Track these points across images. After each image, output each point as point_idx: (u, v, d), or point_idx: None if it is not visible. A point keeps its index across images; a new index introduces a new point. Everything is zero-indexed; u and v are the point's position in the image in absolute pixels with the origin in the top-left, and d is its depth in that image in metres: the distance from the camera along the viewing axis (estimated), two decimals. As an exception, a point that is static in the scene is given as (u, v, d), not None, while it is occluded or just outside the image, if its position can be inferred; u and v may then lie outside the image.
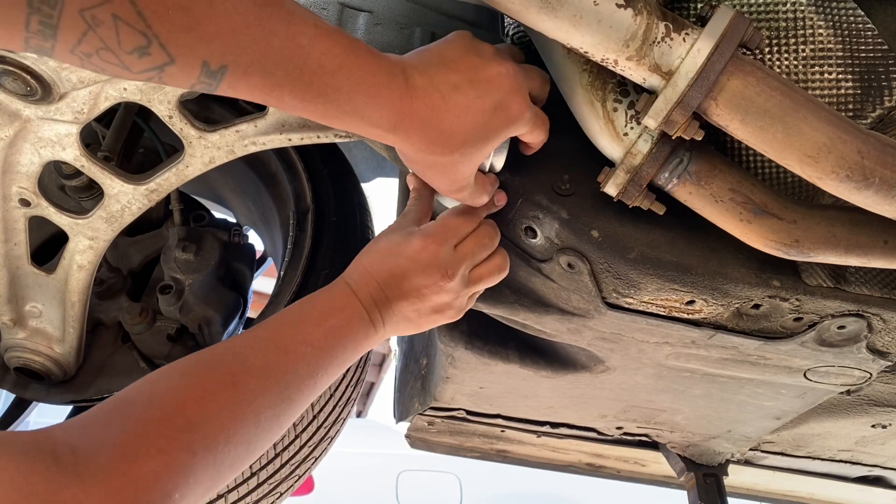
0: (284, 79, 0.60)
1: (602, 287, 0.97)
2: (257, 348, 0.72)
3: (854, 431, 1.45)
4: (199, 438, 0.62)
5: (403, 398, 1.63)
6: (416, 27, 1.07)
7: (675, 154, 0.85)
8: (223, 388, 0.66)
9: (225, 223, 1.49)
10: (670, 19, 0.76)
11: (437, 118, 0.69)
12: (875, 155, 0.75)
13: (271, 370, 0.71)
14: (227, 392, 0.66)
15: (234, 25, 0.55)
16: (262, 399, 0.69)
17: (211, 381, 0.66)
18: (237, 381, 0.68)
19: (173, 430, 0.60)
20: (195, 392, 0.64)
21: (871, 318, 0.99)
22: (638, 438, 1.67)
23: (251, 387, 0.68)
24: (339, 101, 0.63)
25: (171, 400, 0.63)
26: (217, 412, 0.64)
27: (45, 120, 0.86)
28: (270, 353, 0.72)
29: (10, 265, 1.06)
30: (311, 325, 0.77)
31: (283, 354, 0.73)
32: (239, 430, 0.66)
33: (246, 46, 0.56)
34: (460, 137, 0.71)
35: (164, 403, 0.62)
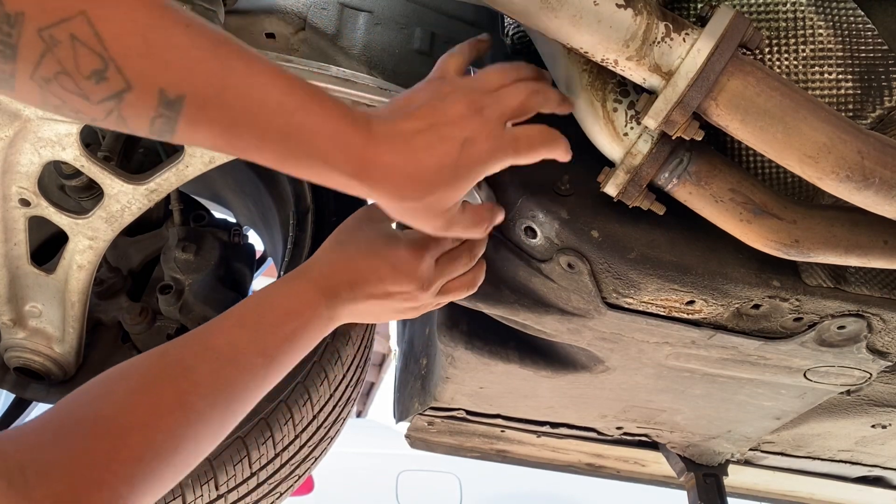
0: (243, 115, 0.59)
1: (602, 287, 0.97)
2: (207, 361, 0.70)
3: (854, 431, 1.45)
4: (142, 470, 0.62)
5: (403, 398, 1.63)
6: (416, 27, 1.07)
7: (675, 154, 0.85)
8: (170, 412, 0.65)
9: (225, 223, 1.49)
10: (670, 19, 0.76)
11: (401, 164, 0.68)
12: (875, 155, 0.75)
13: (220, 387, 0.69)
14: (173, 416, 0.65)
15: (190, 56, 0.55)
16: (207, 419, 0.68)
17: (158, 403, 0.65)
18: (184, 401, 0.66)
19: (116, 462, 0.60)
20: (141, 416, 0.63)
21: (871, 318, 0.99)
22: (638, 438, 1.67)
23: (198, 408, 0.67)
24: (301, 142, 0.63)
25: (116, 426, 0.62)
26: (161, 441, 0.63)
27: (44, 120, 0.86)
28: (221, 367, 0.70)
29: (10, 265, 1.06)
30: (267, 332, 0.74)
31: (234, 369, 0.71)
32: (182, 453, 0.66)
33: (203, 78, 0.56)
34: (428, 181, 0.69)
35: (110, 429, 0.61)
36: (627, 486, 2.20)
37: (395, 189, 0.69)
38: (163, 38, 0.54)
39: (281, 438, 1.24)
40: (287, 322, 0.76)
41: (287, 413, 1.22)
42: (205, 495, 1.17)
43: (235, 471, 1.19)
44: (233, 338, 0.73)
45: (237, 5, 1.03)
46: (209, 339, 0.72)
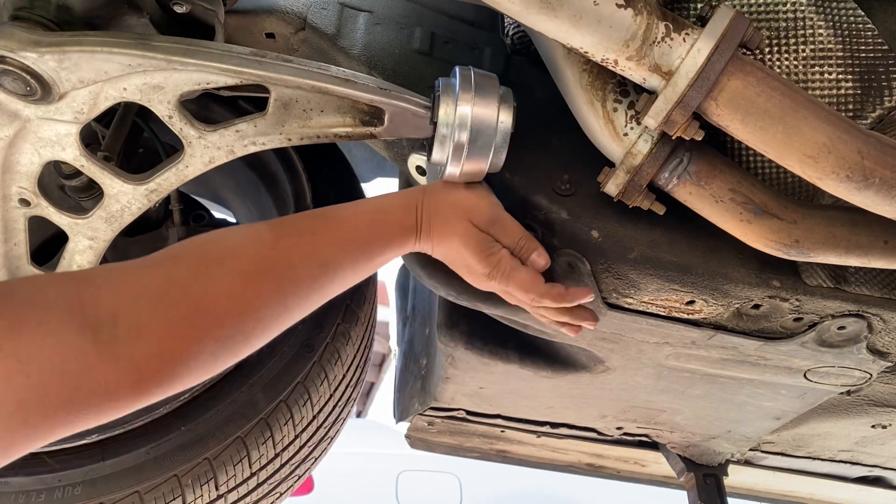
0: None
1: (602, 287, 0.97)
2: (311, 265, 0.75)
3: (854, 432, 1.45)
4: (229, 348, 0.68)
5: (403, 398, 1.63)
6: (416, 27, 1.07)
7: (675, 154, 0.85)
8: (268, 304, 0.71)
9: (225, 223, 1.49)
10: (670, 19, 0.76)
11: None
12: (875, 155, 0.75)
13: (314, 290, 0.75)
14: (270, 308, 0.71)
15: None
16: (295, 313, 0.74)
17: (260, 295, 0.70)
18: (282, 298, 0.72)
19: (210, 338, 0.65)
20: (242, 305, 0.68)
21: (871, 318, 0.99)
22: (638, 439, 1.67)
23: (291, 304, 0.73)
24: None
25: (218, 308, 0.66)
26: (252, 327, 0.69)
27: (44, 120, 0.86)
28: (321, 274, 0.75)
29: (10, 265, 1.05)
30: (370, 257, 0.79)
31: (330, 279, 0.76)
32: (267, 337, 0.72)
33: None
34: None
35: (214, 309, 0.66)
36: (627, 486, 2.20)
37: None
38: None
39: (281, 438, 1.24)
40: (387, 251, 0.81)
41: (287, 413, 1.22)
42: (205, 495, 1.17)
43: (235, 471, 1.19)
44: (339, 251, 0.77)
45: (237, 5, 1.02)
46: (321, 243, 0.77)
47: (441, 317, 1.26)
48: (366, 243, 0.79)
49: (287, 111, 0.85)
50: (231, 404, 1.18)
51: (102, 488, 1.11)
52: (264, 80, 0.82)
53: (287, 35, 1.05)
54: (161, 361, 0.62)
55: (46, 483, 1.11)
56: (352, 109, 0.86)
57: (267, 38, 1.06)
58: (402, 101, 0.84)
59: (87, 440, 1.14)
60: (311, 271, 0.75)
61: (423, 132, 0.86)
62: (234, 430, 1.17)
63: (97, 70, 0.80)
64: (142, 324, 0.61)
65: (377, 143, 1.05)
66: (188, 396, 1.17)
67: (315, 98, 0.84)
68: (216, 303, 0.67)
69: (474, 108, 0.81)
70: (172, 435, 1.15)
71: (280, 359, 1.22)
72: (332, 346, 1.28)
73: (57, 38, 0.80)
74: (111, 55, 0.80)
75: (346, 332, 1.31)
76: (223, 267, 0.69)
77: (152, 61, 0.81)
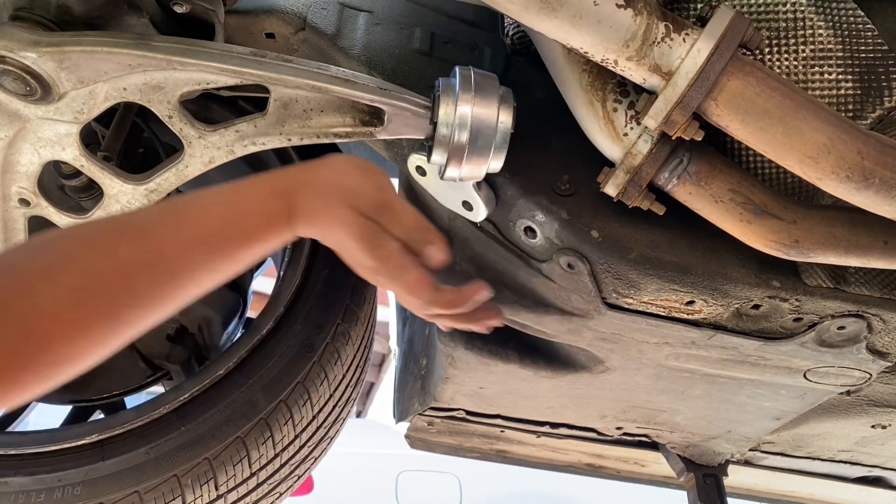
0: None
1: (602, 287, 0.97)
2: (154, 272, 0.65)
3: (854, 432, 1.45)
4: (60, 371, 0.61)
5: (403, 398, 1.63)
6: (416, 27, 1.07)
7: (674, 154, 0.85)
8: (103, 322, 0.63)
9: (225, 223, 1.48)
10: (670, 19, 0.76)
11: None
12: (875, 155, 0.75)
13: (157, 300, 0.66)
14: (104, 325, 0.63)
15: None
16: (134, 326, 0.65)
17: (95, 314, 0.62)
18: (118, 313, 0.64)
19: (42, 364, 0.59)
20: (71, 327, 0.61)
21: (870, 318, 0.99)
22: (638, 439, 1.67)
23: (128, 319, 0.64)
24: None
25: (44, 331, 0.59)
26: (84, 346, 0.62)
27: (44, 120, 0.86)
28: (167, 282, 0.66)
29: (10, 265, 1.05)
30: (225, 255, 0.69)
31: (178, 285, 0.67)
32: (103, 353, 0.64)
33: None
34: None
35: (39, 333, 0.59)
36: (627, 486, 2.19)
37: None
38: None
39: (281, 438, 1.24)
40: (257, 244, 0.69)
41: (287, 413, 1.22)
42: (204, 495, 1.17)
43: (235, 471, 1.19)
44: (188, 256, 0.67)
45: (237, 5, 1.02)
46: (163, 247, 0.66)
47: (441, 317, 1.26)
48: (221, 241, 0.68)
49: (287, 111, 0.85)
50: (231, 404, 1.18)
51: (102, 488, 1.10)
52: (264, 80, 0.82)
53: (287, 35, 1.05)
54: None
55: (46, 483, 1.11)
56: (352, 109, 0.86)
57: (267, 38, 1.06)
58: (402, 101, 0.84)
59: (87, 440, 1.14)
60: (154, 281, 0.65)
61: (423, 132, 0.86)
62: (234, 430, 1.17)
63: (97, 70, 0.80)
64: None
65: (377, 143, 1.05)
66: (188, 396, 1.17)
67: (315, 98, 0.84)
68: (40, 327, 0.59)
69: (474, 108, 0.81)
70: (172, 435, 1.15)
71: (280, 359, 1.22)
72: (332, 346, 1.27)
73: (57, 38, 0.80)
74: (111, 55, 0.80)
75: (346, 332, 1.31)
76: (51, 282, 0.61)
77: (152, 61, 0.81)
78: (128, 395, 1.45)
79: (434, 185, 0.99)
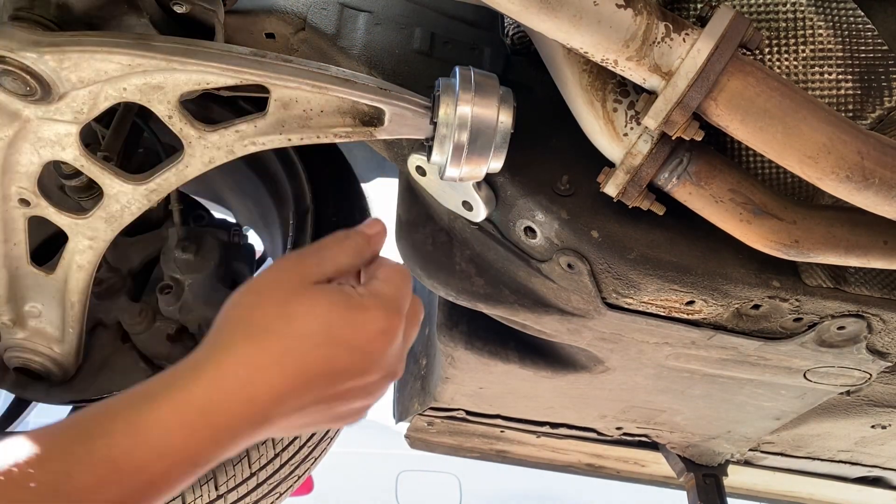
0: None
1: (602, 287, 0.97)
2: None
3: (854, 432, 1.45)
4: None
5: (403, 398, 1.63)
6: (416, 27, 1.07)
7: (674, 154, 0.85)
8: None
9: (225, 223, 1.49)
10: (670, 19, 0.76)
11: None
12: (875, 155, 0.75)
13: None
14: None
15: None
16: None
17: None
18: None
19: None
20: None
21: (870, 318, 0.99)
22: (637, 439, 1.67)
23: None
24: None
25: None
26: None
27: (44, 120, 0.86)
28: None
29: (10, 265, 1.05)
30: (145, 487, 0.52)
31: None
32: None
33: None
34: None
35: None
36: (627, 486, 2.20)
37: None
38: None
39: (281, 439, 1.24)
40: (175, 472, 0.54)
41: (287, 413, 1.22)
42: (204, 495, 1.17)
43: (235, 471, 1.19)
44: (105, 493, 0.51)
45: (237, 5, 1.02)
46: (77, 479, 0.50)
47: (441, 317, 1.26)
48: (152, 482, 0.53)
49: (287, 111, 0.85)
50: (231, 404, 1.18)
51: (102, 488, 1.10)
52: (264, 80, 0.82)
53: (287, 35, 1.05)
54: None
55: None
56: (352, 109, 0.86)
57: (267, 38, 1.06)
58: (402, 101, 0.84)
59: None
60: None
61: (423, 132, 0.86)
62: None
63: (97, 70, 0.80)
64: None
65: (377, 143, 1.05)
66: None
67: (315, 98, 0.84)
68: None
69: (474, 108, 0.81)
70: (172, 435, 1.15)
71: (280, 359, 1.21)
72: (331, 346, 1.27)
73: (57, 38, 0.80)
74: (111, 55, 0.80)
75: (345, 332, 1.31)
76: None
77: (152, 61, 0.81)
78: (128, 395, 1.45)
79: (434, 185, 0.99)
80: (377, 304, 0.59)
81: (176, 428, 0.53)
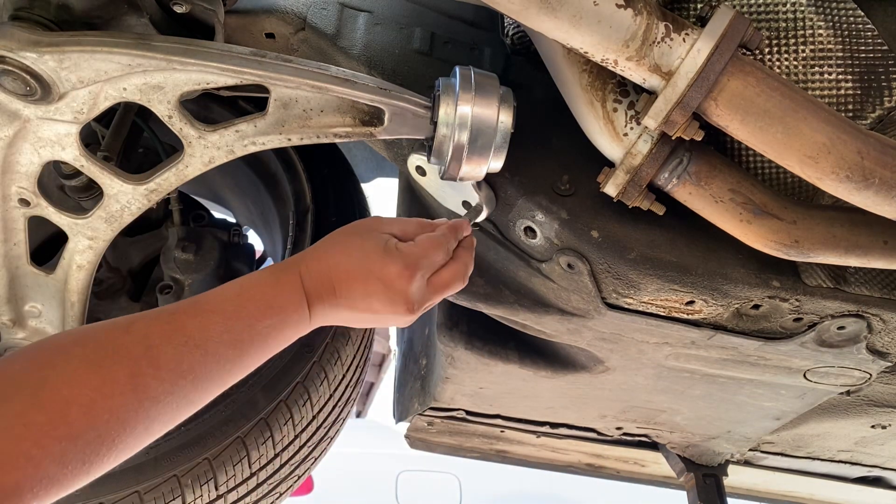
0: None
1: (602, 287, 0.97)
2: (174, 343, 0.63)
3: (854, 432, 1.45)
4: (77, 451, 0.56)
5: (403, 398, 1.63)
6: (416, 27, 1.07)
7: (674, 154, 0.85)
8: (120, 392, 0.59)
9: (225, 223, 1.49)
10: (670, 19, 0.76)
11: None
12: (875, 155, 0.75)
13: (182, 372, 0.63)
14: (123, 397, 0.59)
15: None
16: (161, 404, 0.62)
17: (109, 380, 0.58)
18: (138, 383, 0.60)
19: (51, 437, 0.54)
20: (88, 393, 0.57)
21: (870, 318, 0.99)
22: (637, 439, 1.67)
23: (152, 392, 0.61)
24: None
25: (59, 399, 0.55)
26: (105, 422, 0.57)
27: (44, 120, 0.86)
28: (187, 352, 0.64)
29: (10, 265, 1.05)
30: (244, 323, 0.69)
31: (201, 356, 0.65)
32: (125, 439, 0.60)
33: None
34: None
35: (51, 401, 0.55)
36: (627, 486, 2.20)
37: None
38: None
39: (281, 438, 1.24)
40: (266, 316, 0.71)
41: (287, 413, 1.22)
42: (204, 495, 1.17)
43: (235, 471, 1.19)
44: (206, 323, 0.67)
45: (237, 5, 1.02)
46: (181, 319, 0.66)
47: (441, 317, 1.26)
48: (238, 311, 0.69)
49: (287, 111, 0.85)
50: (231, 404, 1.18)
51: (102, 488, 1.10)
52: (264, 80, 0.82)
53: (287, 35, 1.05)
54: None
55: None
56: (352, 109, 0.86)
57: (267, 38, 1.06)
58: (402, 101, 0.84)
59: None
60: (174, 350, 0.63)
61: (423, 132, 0.86)
62: (234, 430, 1.17)
63: (97, 70, 0.80)
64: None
65: (377, 143, 1.05)
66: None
67: (315, 98, 0.84)
68: (56, 393, 0.55)
69: (474, 108, 0.81)
70: (172, 435, 1.15)
71: (280, 359, 1.22)
72: (331, 346, 1.28)
73: (57, 38, 0.80)
74: (111, 55, 0.80)
75: (345, 332, 1.31)
76: (66, 354, 0.58)
77: (152, 61, 0.81)
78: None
79: (434, 185, 0.99)
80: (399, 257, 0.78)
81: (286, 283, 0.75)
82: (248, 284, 0.73)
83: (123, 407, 0.59)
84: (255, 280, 0.74)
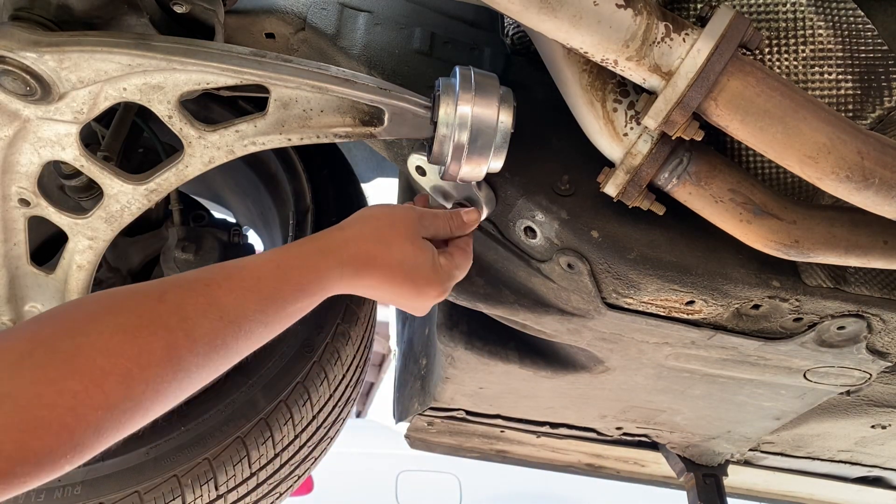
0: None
1: (602, 287, 0.97)
2: (209, 317, 0.64)
3: (854, 432, 1.45)
4: (112, 420, 0.56)
5: (403, 398, 1.63)
6: (416, 27, 1.07)
7: (674, 154, 0.85)
8: (157, 363, 0.59)
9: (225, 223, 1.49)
10: (670, 19, 0.76)
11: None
12: (875, 155, 0.75)
13: (216, 346, 0.64)
14: (160, 368, 0.60)
15: None
16: (193, 375, 0.63)
17: (146, 351, 0.59)
18: (174, 355, 0.61)
19: (88, 407, 0.54)
20: (124, 363, 0.57)
21: (870, 318, 0.99)
22: (637, 439, 1.67)
23: (186, 364, 0.62)
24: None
25: (95, 368, 0.55)
26: (140, 392, 0.58)
27: (44, 120, 0.86)
28: (223, 328, 0.65)
29: (10, 265, 1.05)
30: (279, 304, 0.71)
31: (235, 332, 0.66)
32: (160, 404, 0.61)
33: None
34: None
35: (88, 370, 0.55)
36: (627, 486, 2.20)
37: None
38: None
39: (281, 438, 1.24)
40: (298, 300, 0.73)
41: (287, 413, 1.22)
42: (204, 495, 1.17)
43: (235, 471, 1.19)
44: (244, 301, 0.68)
45: (237, 5, 1.02)
46: (217, 293, 0.67)
47: (441, 317, 1.26)
48: (273, 291, 0.70)
49: (287, 111, 0.85)
50: (231, 404, 1.18)
51: (102, 488, 1.11)
52: (264, 80, 0.82)
53: (287, 35, 1.05)
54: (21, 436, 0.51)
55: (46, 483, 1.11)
56: (352, 109, 0.86)
57: (267, 38, 1.06)
58: (402, 101, 0.84)
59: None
60: (210, 325, 0.64)
61: (423, 132, 0.86)
62: (234, 430, 1.17)
63: (97, 70, 0.80)
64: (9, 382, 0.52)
65: (377, 143, 1.05)
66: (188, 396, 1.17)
67: (315, 98, 0.84)
68: (92, 362, 0.55)
69: (474, 108, 0.81)
70: (172, 435, 1.15)
71: (280, 359, 1.22)
72: (331, 346, 1.28)
73: (57, 38, 0.80)
74: (111, 55, 0.80)
75: (345, 332, 1.31)
76: (99, 322, 0.58)
77: (152, 61, 0.81)
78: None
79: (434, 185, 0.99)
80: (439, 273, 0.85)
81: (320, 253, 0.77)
82: (286, 265, 0.74)
83: (159, 378, 0.60)
84: (292, 261, 0.75)
